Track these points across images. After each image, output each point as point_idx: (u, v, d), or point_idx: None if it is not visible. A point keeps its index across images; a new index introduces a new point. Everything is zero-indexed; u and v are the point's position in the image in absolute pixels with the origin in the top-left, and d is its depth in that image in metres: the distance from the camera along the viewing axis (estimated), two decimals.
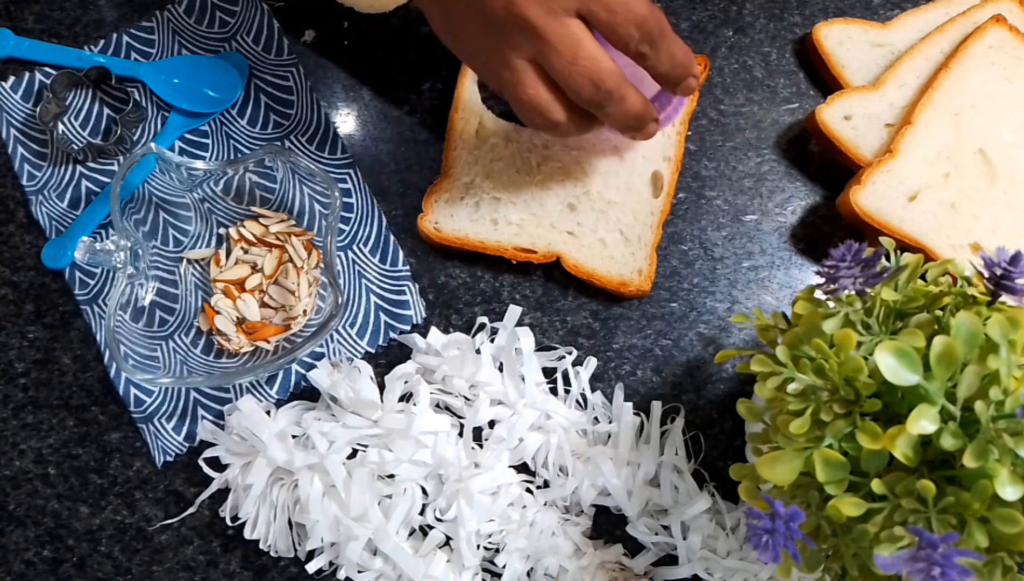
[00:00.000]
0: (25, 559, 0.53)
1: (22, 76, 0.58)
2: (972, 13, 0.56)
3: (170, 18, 0.59)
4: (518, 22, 0.38)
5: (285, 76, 0.58)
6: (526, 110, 0.42)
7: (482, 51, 0.40)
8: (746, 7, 0.59)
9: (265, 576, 0.53)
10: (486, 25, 0.38)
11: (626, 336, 0.55)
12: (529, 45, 0.39)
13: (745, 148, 0.57)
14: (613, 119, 0.45)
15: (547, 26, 0.38)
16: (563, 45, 0.39)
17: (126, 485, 0.54)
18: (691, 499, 0.50)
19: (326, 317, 0.49)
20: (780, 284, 0.55)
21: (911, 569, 0.31)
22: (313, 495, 0.50)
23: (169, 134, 0.57)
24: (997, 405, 0.33)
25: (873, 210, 0.52)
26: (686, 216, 0.56)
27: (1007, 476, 0.32)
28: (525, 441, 0.51)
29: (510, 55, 0.39)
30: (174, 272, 0.55)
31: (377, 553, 0.50)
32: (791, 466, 0.36)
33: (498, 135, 0.56)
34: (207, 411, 0.54)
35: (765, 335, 0.43)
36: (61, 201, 0.56)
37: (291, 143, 0.57)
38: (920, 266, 0.40)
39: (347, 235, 0.56)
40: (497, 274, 0.56)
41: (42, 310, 0.56)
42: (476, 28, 0.39)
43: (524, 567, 0.50)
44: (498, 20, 0.38)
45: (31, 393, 0.55)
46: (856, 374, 0.35)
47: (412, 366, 0.53)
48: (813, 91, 0.58)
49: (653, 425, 0.52)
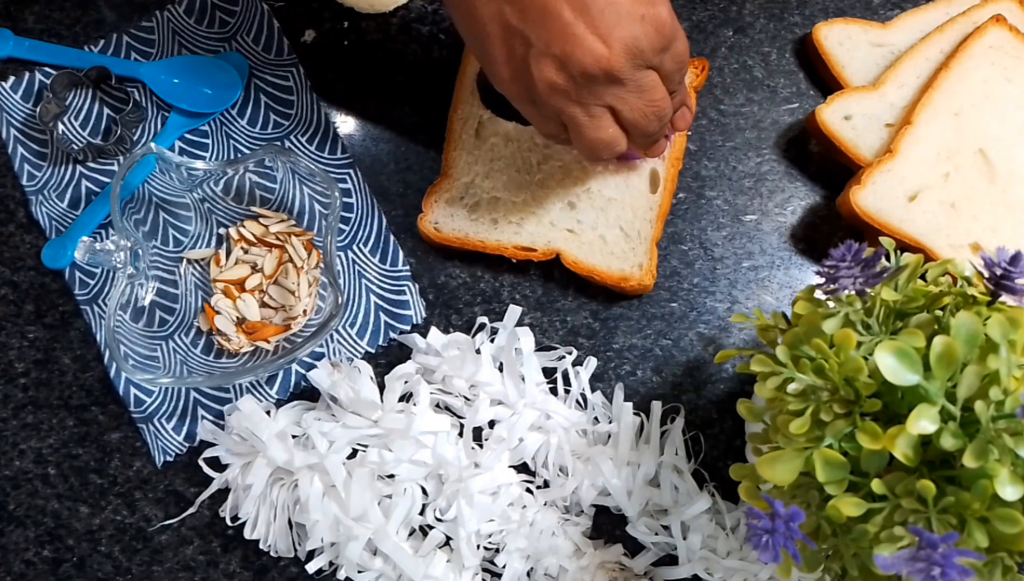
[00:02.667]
0: (25, 559, 0.53)
1: (22, 76, 0.58)
2: (972, 13, 0.56)
3: (170, 18, 0.59)
4: (610, 77, 0.42)
5: (285, 76, 0.58)
6: (596, 147, 0.46)
7: (556, 98, 0.44)
8: (746, 7, 0.59)
9: (265, 576, 0.53)
10: (569, 79, 0.42)
11: (626, 336, 0.55)
12: (612, 94, 0.43)
13: (745, 148, 0.57)
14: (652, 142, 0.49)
15: (632, 78, 0.43)
16: (643, 92, 0.44)
17: (126, 485, 0.54)
18: (691, 499, 0.50)
19: (326, 317, 0.49)
20: (780, 284, 0.55)
21: (911, 569, 0.31)
22: (313, 495, 0.50)
23: (169, 134, 0.57)
24: (997, 405, 0.33)
25: (873, 210, 0.52)
26: (686, 216, 0.56)
27: (1007, 476, 0.32)
28: (525, 441, 0.51)
29: (591, 103, 0.44)
30: (174, 272, 0.55)
31: (377, 553, 0.50)
32: (791, 466, 0.36)
33: (498, 135, 0.56)
34: (207, 411, 0.54)
35: (765, 335, 0.43)
36: (61, 201, 0.56)
37: (291, 143, 0.57)
38: (920, 266, 0.40)
39: (347, 235, 0.56)
40: (497, 274, 0.56)
41: (42, 310, 0.56)
42: (558, 80, 0.42)
43: (524, 567, 0.50)
44: (588, 75, 0.42)
45: (31, 393, 0.55)
46: (856, 374, 0.35)
47: (412, 366, 0.53)
48: (813, 91, 0.58)
49: (653, 425, 0.52)
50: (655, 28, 0.42)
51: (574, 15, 0.41)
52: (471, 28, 0.44)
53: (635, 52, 0.42)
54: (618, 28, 0.41)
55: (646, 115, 0.45)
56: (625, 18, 0.41)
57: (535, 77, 0.42)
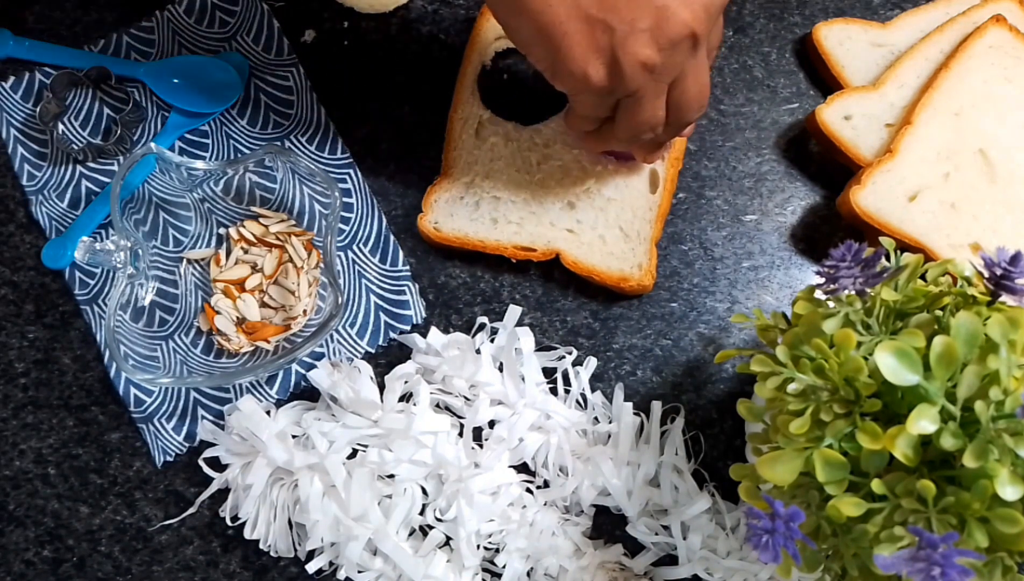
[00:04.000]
0: (25, 559, 0.53)
1: (22, 76, 0.58)
2: (972, 13, 0.56)
3: (170, 18, 0.59)
4: (694, 40, 0.42)
5: (285, 76, 0.58)
6: (643, 127, 0.45)
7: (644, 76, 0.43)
8: (746, 7, 0.59)
9: (265, 576, 0.53)
10: (660, 51, 0.42)
11: (626, 336, 0.55)
12: (688, 63, 0.43)
13: (745, 148, 0.57)
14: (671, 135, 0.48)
15: (704, 42, 0.43)
16: (700, 68, 0.44)
17: (126, 485, 0.54)
18: (691, 499, 0.50)
19: (326, 317, 0.49)
20: (780, 284, 0.55)
21: (911, 569, 0.31)
22: (313, 495, 0.50)
23: (169, 134, 0.57)
24: (997, 405, 0.33)
25: (873, 210, 0.52)
26: (686, 216, 0.56)
27: (1007, 476, 0.32)
28: (525, 441, 0.51)
29: (664, 78, 0.43)
30: (174, 272, 0.55)
31: (377, 553, 0.50)
32: (791, 466, 0.36)
33: (498, 134, 0.56)
34: (207, 411, 0.54)
35: (765, 335, 0.43)
36: (61, 201, 0.56)
37: (291, 143, 0.57)
38: (920, 266, 0.40)
39: (347, 235, 0.56)
40: (497, 274, 0.56)
41: (42, 310, 0.56)
42: (651, 54, 0.42)
43: (524, 567, 0.50)
44: (676, 42, 0.41)
45: (31, 393, 0.55)
46: (856, 374, 0.35)
47: (412, 366, 0.53)
48: (813, 91, 0.58)
49: (653, 425, 0.52)
50: None
51: None
52: (540, 34, 0.42)
53: (711, 8, 0.42)
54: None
55: (698, 96, 0.45)
56: None
57: (627, 60, 0.41)
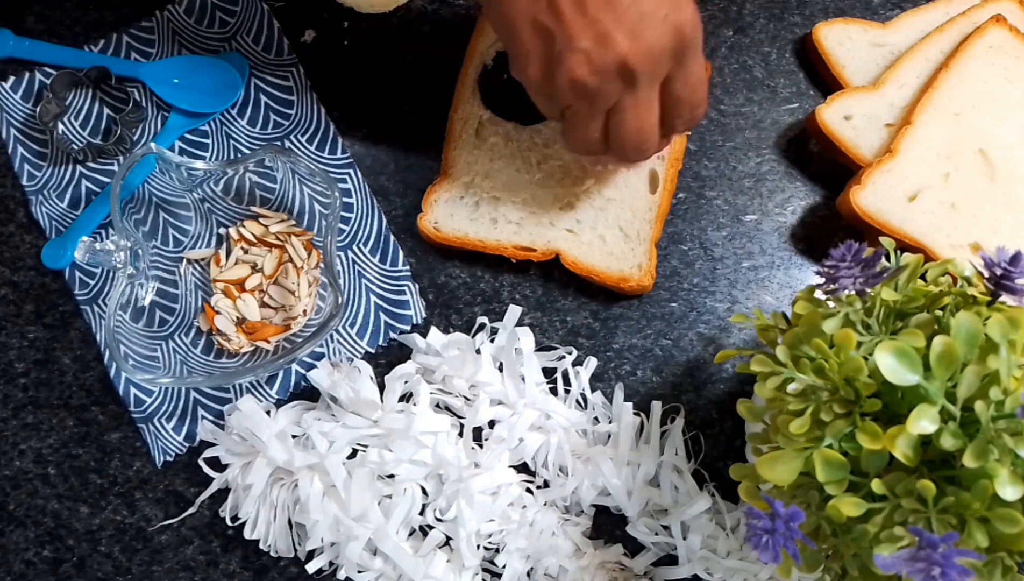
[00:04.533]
0: (25, 559, 0.53)
1: (22, 76, 0.58)
2: (972, 13, 0.56)
3: (170, 18, 0.59)
4: (627, 74, 0.42)
5: (285, 76, 0.58)
6: (576, 146, 0.47)
7: (573, 94, 0.44)
8: (746, 7, 0.59)
9: (265, 576, 0.53)
10: (592, 74, 0.42)
11: (626, 336, 0.55)
12: (620, 98, 0.44)
13: (745, 148, 0.57)
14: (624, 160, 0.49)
15: (645, 83, 0.43)
16: (646, 107, 0.45)
17: (126, 485, 0.54)
18: (691, 499, 0.50)
19: (326, 317, 0.49)
20: (780, 284, 0.55)
21: (911, 569, 0.31)
22: (313, 495, 0.50)
23: (169, 134, 0.57)
24: (997, 405, 0.33)
25: (873, 210, 0.52)
26: (686, 216, 0.56)
27: (1007, 476, 0.32)
28: (525, 441, 0.51)
29: (598, 104, 0.44)
30: (174, 272, 0.55)
31: (377, 553, 0.50)
32: (791, 466, 0.36)
33: (498, 134, 0.56)
34: (207, 411, 0.54)
35: (765, 335, 0.43)
36: (61, 201, 0.56)
37: (291, 143, 0.57)
38: (920, 266, 0.40)
39: (347, 235, 0.56)
40: (497, 274, 0.56)
41: (42, 310, 0.56)
42: (582, 75, 0.43)
43: (524, 567, 0.50)
44: (609, 72, 0.42)
45: (31, 393, 0.55)
46: (856, 374, 0.35)
47: (412, 366, 0.53)
48: (813, 91, 0.58)
49: (653, 425, 0.52)
50: (675, 30, 0.42)
51: (599, 11, 0.41)
52: (502, 24, 0.44)
53: (655, 52, 0.42)
54: (640, 24, 0.42)
55: (693, 100, 0.46)
56: (647, 16, 0.42)
57: (560, 73, 0.43)
